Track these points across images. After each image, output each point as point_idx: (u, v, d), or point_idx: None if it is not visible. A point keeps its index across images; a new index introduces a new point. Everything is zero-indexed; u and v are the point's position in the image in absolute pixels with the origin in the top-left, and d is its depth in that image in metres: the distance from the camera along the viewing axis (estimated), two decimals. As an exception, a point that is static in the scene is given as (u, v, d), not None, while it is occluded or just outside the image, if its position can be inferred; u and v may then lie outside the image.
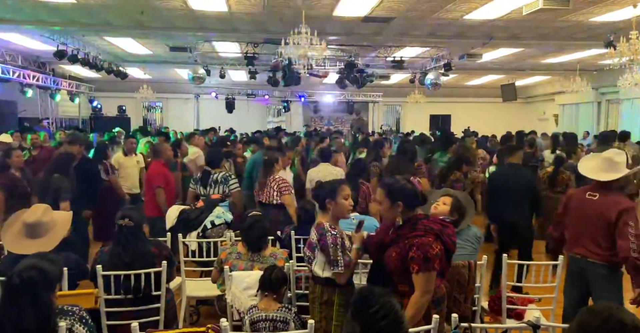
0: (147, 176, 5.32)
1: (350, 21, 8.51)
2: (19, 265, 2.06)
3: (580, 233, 3.11)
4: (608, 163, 3.04)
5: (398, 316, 1.53)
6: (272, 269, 2.79)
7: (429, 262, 2.21)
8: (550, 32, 9.12)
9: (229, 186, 4.72)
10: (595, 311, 1.41)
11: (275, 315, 2.60)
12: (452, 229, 2.41)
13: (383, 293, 1.58)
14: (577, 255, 3.11)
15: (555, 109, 17.01)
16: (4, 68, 10.50)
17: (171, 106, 18.40)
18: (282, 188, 4.69)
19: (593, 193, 3.10)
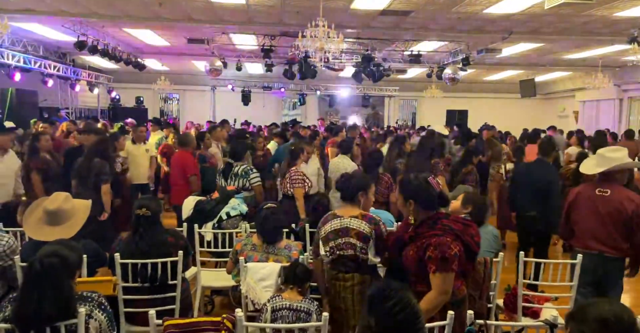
0: (178, 165, 5.37)
1: (368, 14, 8.44)
2: (40, 252, 2.10)
3: (594, 229, 3.15)
4: (600, 159, 3.22)
5: (414, 311, 1.52)
6: (296, 265, 2.82)
7: (446, 262, 2.18)
8: (572, 27, 8.92)
9: (249, 180, 4.75)
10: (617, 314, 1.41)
11: (299, 305, 2.63)
12: (475, 229, 2.37)
13: (400, 287, 1.57)
14: (594, 251, 3.14)
15: (576, 106, 16.68)
16: (25, 58, 10.68)
17: (188, 98, 18.53)
18: (294, 181, 4.73)
19: (604, 190, 3.18)
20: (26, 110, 10.29)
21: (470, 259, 2.34)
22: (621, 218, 3.05)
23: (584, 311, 1.45)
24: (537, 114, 17.69)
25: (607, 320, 1.39)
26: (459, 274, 2.27)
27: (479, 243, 2.34)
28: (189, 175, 5.16)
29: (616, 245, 3.07)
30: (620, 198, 3.09)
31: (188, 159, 5.37)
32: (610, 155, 3.22)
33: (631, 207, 3.03)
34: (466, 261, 2.30)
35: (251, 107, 16.72)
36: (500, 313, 3.20)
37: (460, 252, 2.23)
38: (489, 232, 3.19)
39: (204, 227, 4.12)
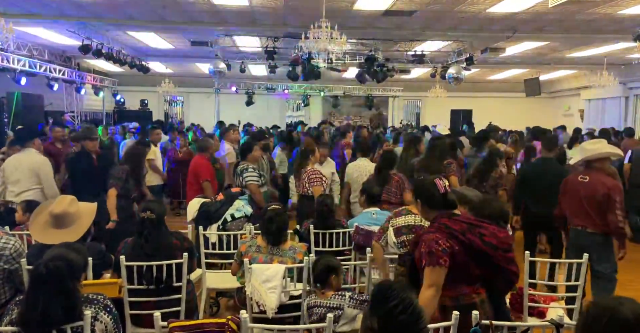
0: (194, 169, 5.42)
1: (371, 15, 8.44)
2: (45, 255, 2.12)
3: (576, 209, 3.78)
4: (581, 150, 3.87)
5: (416, 312, 1.52)
6: (315, 263, 2.92)
7: (433, 256, 2.20)
8: (577, 25, 8.88)
9: (244, 179, 4.75)
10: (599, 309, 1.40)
11: (329, 303, 2.72)
12: (489, 229, 2.30)
13: (402, 287, 1.57)
14: (578, 227, 3.77)
15: (581, 104, 16.59)
16: (31, 62, 10.76)
17: (192, 100, 18.60)
18: (312, 180, 4.74)
19: (584, 177, 3.79)
20: (32, 114, 10.36)
21: (483, 262, 2.26)
22: (595, 200, 3.62)
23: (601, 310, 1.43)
24: (542, 113, 17.60)
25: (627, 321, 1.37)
26: (463, 277, 2.23)
27: (491, 244, 2.25)
28: (202, 180, 5.22)
29: (593, 222, 3.64)
30: (595, 183, 3.66)
31: (203, 164, 5.41)
32: (589, 147, 3.82)
33: (603, 190, 3.59)
34: (476, 263, 2.25)
35: (255, 108, 16.75)
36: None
37: (454, 249, 2.22)
38: None
39: (208, 229, 4.13)
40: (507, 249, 2.31)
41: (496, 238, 2.29)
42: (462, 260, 2.23)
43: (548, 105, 18.54)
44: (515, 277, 2.36)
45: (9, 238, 2.86)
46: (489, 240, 2.26)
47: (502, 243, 2.29)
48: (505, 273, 2.31)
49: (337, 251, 3.79)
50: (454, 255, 2.22)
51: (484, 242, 2.25)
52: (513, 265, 2.33)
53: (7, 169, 4.63)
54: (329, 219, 3.90)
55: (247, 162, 4.95)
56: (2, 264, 2.76)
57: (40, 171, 4.56)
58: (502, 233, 2.33)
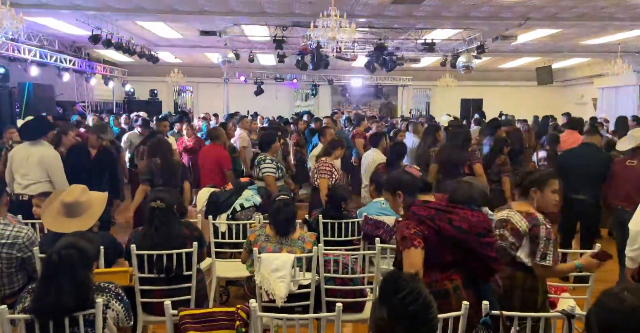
0: (214, 159, 5.41)
1: (380, 3, 8.33)
2: (58, 244, 2.14)
3: (620, 191, 4.19)
4: (630, 138, 4.29)
5: (426, 302, 1.51)
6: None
7: (405, 240, 2.21)
8: (590, 12, 8.69)
9: (261, 170, 4.76)
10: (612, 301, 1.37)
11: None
12: (459, 214, 2.27)
13: (412, 278, 1.56)
14: (619, 206, 4.18)
15: (594, 93, 16.32)
16: (42, 52, 10.82)
17: (201, 90, 18.62)
18: (320, 171, 4.74)
19: (632, 161, 4.23)
20: (43, 104, 10.43)
21: (455, 247, 2.24)
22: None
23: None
24: (554, 102, 17.36)
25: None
26: (435, 264, 2.22)
27: (461, 228, 2.22)
28: (226, 170, 5.25)
29: (633, 202, 3.70)
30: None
31: (223, 153, 5.44)
32: (637, 134, 4.26)
33: None
34: (448, 249, 2.24)
35: (264, 98, 16.72)
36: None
37: (425, 233, 2.22)
38: None
39: (218, 218, 4.15)
40: (482, 233, 2.25)
41: (468, 222, 2.24)
42: (433, 246, 2.22)
43: (560, 94, 18.27)
44: (494, 263, 2.29)
45: (21, 226, 2.90)
46: (459, 225, 2.23)
47: (475, 228, 2.24)
48: (482, 259, 2.26)
49: (346, 241, 3.80)
50: (425, 238, 2.21)
51: (454, 227, 2.23)
52: (490, 250, 2.27)
53: (16, 160, 4.49)
54: (338, 209, 3.90)
55: (266, 154, 4.92)
56: (15, 252, 2.80)
57: (50, 166, 4.42)
58: (475, 217, 2.28)
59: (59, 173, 4.48)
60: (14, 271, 2.85)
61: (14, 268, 2.84)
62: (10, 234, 2.79)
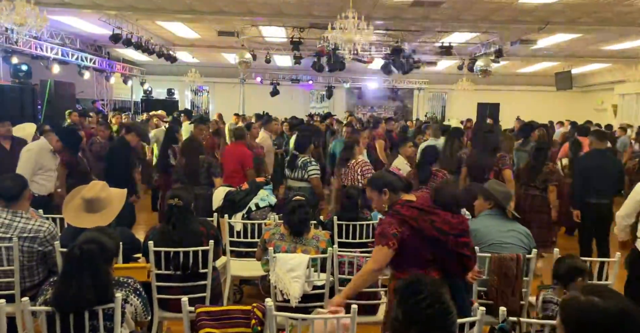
0: (238, 158, 5.51)
1: (398, 5, 8.32)
2: (79, 238, 2.18)
3: None
4: None
5: (445, 307, 1.49)
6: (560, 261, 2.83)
7: (382, 237, 2.34)
8: (612, 17, 8.56)
9: (307, 171, 4.79)
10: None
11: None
12: (440, 216, 2.37)
13: (433, 282, 1.55)
14: None
15: (614, 99, 16.04)
16: (63, 51, 11.02)
17: (218, 90, 18.76)
18: (365, 171, 4.75)
19: None
20: (64, 101, 10.62)
21: (434, 246, 2.34)
22: None
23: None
24: (573, 108, 17.09)
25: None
26: (414, 261, 2.34)
27: (442, 230, 2.34)
28: (247, 168, 5.33)
29: None
30: None
31: (245, 152, 5.52)
32: None
33: None
34: (428, 248, 2.34)
35: (279, 99, 16.79)
36: (532, 311, 3.14)
37: (404, 235, 2.33)
38: (519, 229, 3.13)
39: (233, 218, 4.18)
40: (460, 234, 2.38)
41: (448, 224, 2.36)
42: (413, 244, 2.34)
43: (579, 100, 17.99)
44: (469, 261, 2.42)
45: (43, 221, 2.96)
46: (440, 226, 2.35)
47: (454, 229, 2.36)
48: (459, 257, 2.38)
49: (360, 243, 3.80)
50: (403, 240, 2.34)
51: (435, 228, 2.35)
52: (466, 249, 2.39)
53: None
54: (352, 211, 3.90)
55: (306, 155, 4.95)
56: (36, 246, 2.86)
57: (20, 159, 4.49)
58: (455, 219, 2.40)
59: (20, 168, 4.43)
60: (34, 264, 2.91)
61: (35, 262, 2.91)
62: (32, 228, 2.85)
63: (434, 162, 4.67)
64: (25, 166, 4.43)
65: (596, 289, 1.37)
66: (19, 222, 2.85)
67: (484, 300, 2.94)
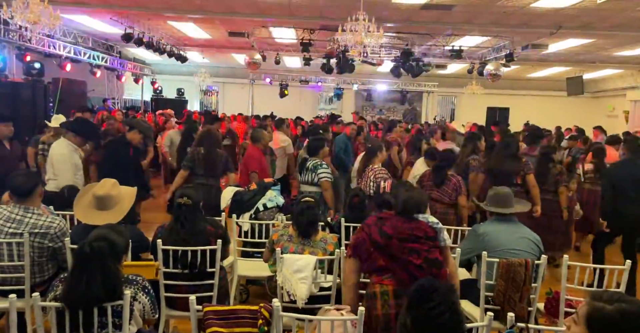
0: (244, 160, 5.54)
1: (409, 8, 8.31)
2: (90, 236, 2.20)
3: None
4: None
5: (456, 315, 1.46)
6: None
7: (348, 248, 2.50)
8: (626, 23, 8.49)
9: (317, 175, 4.73)
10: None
11: None
12: (392, 220, 2.40)
13: (447, 288, 1.50)
14: None
15: (626, 105, 15.88)
16: (76, 49, 11.14)
17: (227, 90, 18.85)
18: (378, 179, 4.62)
19: None
20: (75, 99, 10.72)
21: (382, 251, 2.35)
22: None
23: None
24: (583, 113, 16.95)
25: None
26: (371, 268, 2.40)
27: (386, 233, 2.36)
28: (250, 170, 5.28)
29: None
30: None
31: (251, 154, 5.49)
32: None
33: None
34: (378, 253, 2.36)
35: (288, 100, 16.84)
36: (540, 317, 3.11)
37: (357, 241, 2.44)
38: (527, 234, 3.11)
39: (241, 218, 4.20)
40: (405, 239, 2.33)
41: (394, 228, 2.36)
42: (366, 251, 2.39)
43: (590, 105, 17.84)
44: (417, 270, 2.28)
45: (54, 217, 2.99)
46: (385, 230, 2.36)
47: (400, 233, 2.34)
48: (405, 265, 2.30)
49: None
50: (356, 246, 2.43)
51: (380, 232, 2.37)
52: (415, 256, 2.30)
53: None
54: (360, 212, 3.89)
55: (318, 158, 4.89)
56: (47, 242, 2.89)
57: (54, 164, 4.47)
58: (406, 223, 2.37)
59: (61, 171, 4.44)
60: (45, 260, 2.94)
61: (45, 258, 2.93)
62: (43, 224, 2.88)
63: (449, 166, 4.62)
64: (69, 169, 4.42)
65: (615, 297, 1.37)
66: (30, 218, 2.88)
67: (492, 305, 2.93)
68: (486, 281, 2.91)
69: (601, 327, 1.34)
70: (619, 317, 1.33)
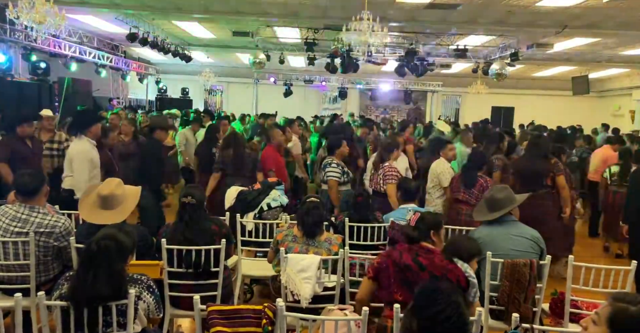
0: (261, 159, 5.52)
1: (414, 7, 8.29)
2: (97, 234, 2.20)
3: None
4: None
5: (462, 319, 1.44)
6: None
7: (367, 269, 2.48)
8: (632, 22, 8.43)
9: (325, 173, 4.76)
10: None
11: None
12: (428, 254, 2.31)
13: (451, 291, 1.49)
14: None
15: (632, 105, 15.79)
16: (81, 49, 11.19)
17: (231, 90, 18.88)
18: (387, 177, 4.63)
19: None
20: (81, 99, 10.79)
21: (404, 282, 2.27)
22: None
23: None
24: (589, 113, 16.88)
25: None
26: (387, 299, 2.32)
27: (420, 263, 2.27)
28: (267, 170, 5.27)
29: None
30: None
31: (267, 153, 5.49)
32: None
33: None
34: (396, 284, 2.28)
35: (292, 100, 16.84)
36: (545, 318, 3.10)
37: (382, 265, 2.35)
38: (524, 233, 3.07)
39: (245, 217, 4.20)
40: (438, 277, 2.23)
41: (430, 261, 2.26)
42: (386, 278, 2.31)
43: (596, 105, 17.76)
44: None
45: (59, 217, 3.00)
46: (420, 260, 2.28)
47: (435, 269, 2.25)
48: None
49: (371, 245, 3.78)
50: (379, 270, 2.35)
51: (414, 260, 2.28)
52: None
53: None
54: (364, 212, 3.88)
55: (333, 157, 4.88)
56: (52, 241, 2.90)
57: (72, 162, 4.44)
58: (443, 262, 2.28)
59: (78, 170, 4.42)
60: (50, 259, 2.96)
61: (50, 257, 2.95)
62: (49, 224, 2.89)
63: (481, 168, 4.57)
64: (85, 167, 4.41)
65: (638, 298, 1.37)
66: (35, 217, 2.89)
67: (496, 305, 2.92)
68: (490, 281, 2.90)
69: (625, 328, 1.34)
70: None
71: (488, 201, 3.21)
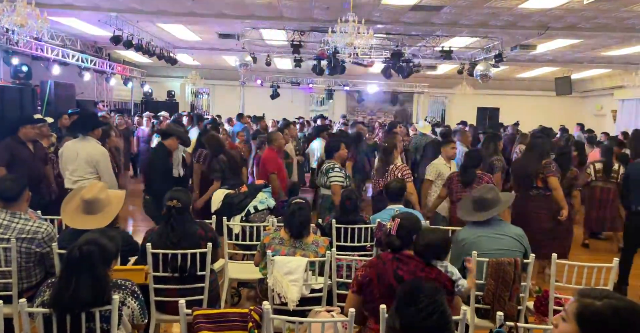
0: (261, 162, 5.50)
1: (398, 9, 8.34)
2: (80, 240, 2.17)
3: None
4: None
5: (444, 317, 1.46)
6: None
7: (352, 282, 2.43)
8: (612, 23, 8.59)
9: (329, 178, 4.72)
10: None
11: None
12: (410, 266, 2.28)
13: (433, 289, 1.51)
14: None
15: (614, 105, 16.08)
16: (64, 52, 11.03)
17: (218, 92, 18.78)
18: (405, 175, 4.67)
19: None
20: (64, 103, 10.62)
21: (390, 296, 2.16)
22: None
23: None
24: (572, 113, 17.15)
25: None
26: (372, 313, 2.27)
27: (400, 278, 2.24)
28: (269, 173, 5.24)
29: None
30: None
31: (269, 156, 5.46)
32: None
33: None
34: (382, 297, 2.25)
35: (279, 102, 16.81)
36: (530, 316, 3.14)
37: (365, 279, 2.32)
38: (508, 231, 3.11)
39: (232, 220, 4.18)
40: None
41: (411, 274, 2.24)
42: (370, 294, 2.28)
43: (579, 105, 18.04)
44: None
45: (41, 222, 2.96)
46: (401, 275, 2.25)
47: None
48: None
49: (358, 246, 3.80)
50: (363, 284, 2.32)
51: (395, 275, 2.26)
52: None
53: (64, 157, 4.55)
54: (352, 214, 3.90)
55: (333, 161, 4.87)
56: (34, 247, 2.86)
57: (98, 163, 4.44)
58: (424, 272, 2.25)
59: (107, 170, 4.49)
60: (32, 265, 2.91)
61: (32, 263, 2.90)
62: (30, 229, 2.85)
63: (478, 166, 4.64)
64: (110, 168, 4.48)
65: (603, 293, 1.39)
66: (17, 223, 2.85)
67: (481, 304, 2.94)
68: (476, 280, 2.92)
69: (592, 323, 1.36)
70: (610, 313, 1.34)
71: (476, 201, 3.23)
